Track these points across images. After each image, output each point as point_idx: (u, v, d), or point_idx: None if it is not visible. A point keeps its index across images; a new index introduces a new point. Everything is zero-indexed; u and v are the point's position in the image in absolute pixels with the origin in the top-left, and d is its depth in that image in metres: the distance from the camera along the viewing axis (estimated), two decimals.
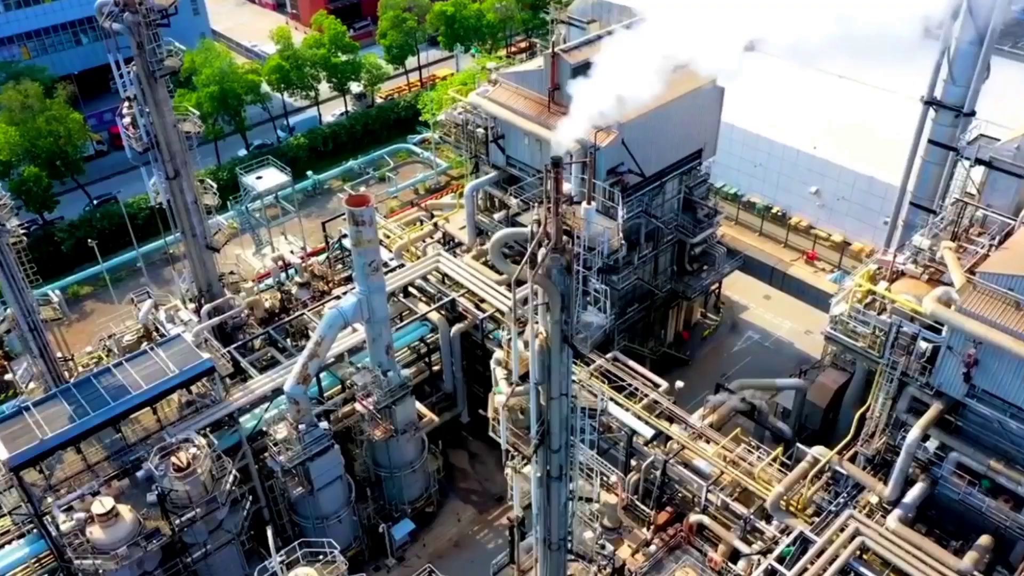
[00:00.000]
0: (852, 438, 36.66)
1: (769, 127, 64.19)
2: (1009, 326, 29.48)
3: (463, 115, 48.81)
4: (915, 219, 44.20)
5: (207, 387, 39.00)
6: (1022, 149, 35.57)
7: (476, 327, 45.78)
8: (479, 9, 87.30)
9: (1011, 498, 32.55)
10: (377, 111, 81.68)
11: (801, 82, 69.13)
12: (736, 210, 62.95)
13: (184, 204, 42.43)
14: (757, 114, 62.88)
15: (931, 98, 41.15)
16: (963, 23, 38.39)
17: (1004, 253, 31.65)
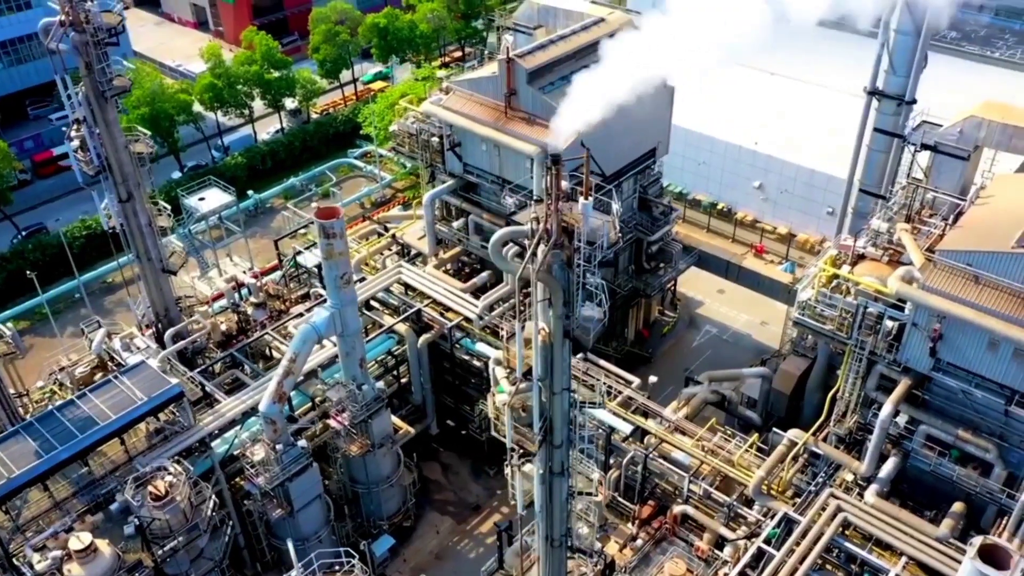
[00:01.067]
0: (825, 419, 38.32)
1: (710, 125, 66.34)
2: (970, 299, 31.43)
3: (416, 125, 49.25)
4: (864, 206, 46.43)
5: (175, 414, 38.51)
6: (965, 133, 37.90)
7: (443, 336, 46.24)
8: (411, 20, 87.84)
9: (979, 465, 34.54)
10: (315, 126, 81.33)
11: (736, 80, 71.86)
12: (683, 208, 64.79)
13: (138, 227, 41.80)
14: (697, 113, 64.89)
15: (874, 88, 43.37)
16: (901, 16, 40.69)
17: (959, 231, 33.70)
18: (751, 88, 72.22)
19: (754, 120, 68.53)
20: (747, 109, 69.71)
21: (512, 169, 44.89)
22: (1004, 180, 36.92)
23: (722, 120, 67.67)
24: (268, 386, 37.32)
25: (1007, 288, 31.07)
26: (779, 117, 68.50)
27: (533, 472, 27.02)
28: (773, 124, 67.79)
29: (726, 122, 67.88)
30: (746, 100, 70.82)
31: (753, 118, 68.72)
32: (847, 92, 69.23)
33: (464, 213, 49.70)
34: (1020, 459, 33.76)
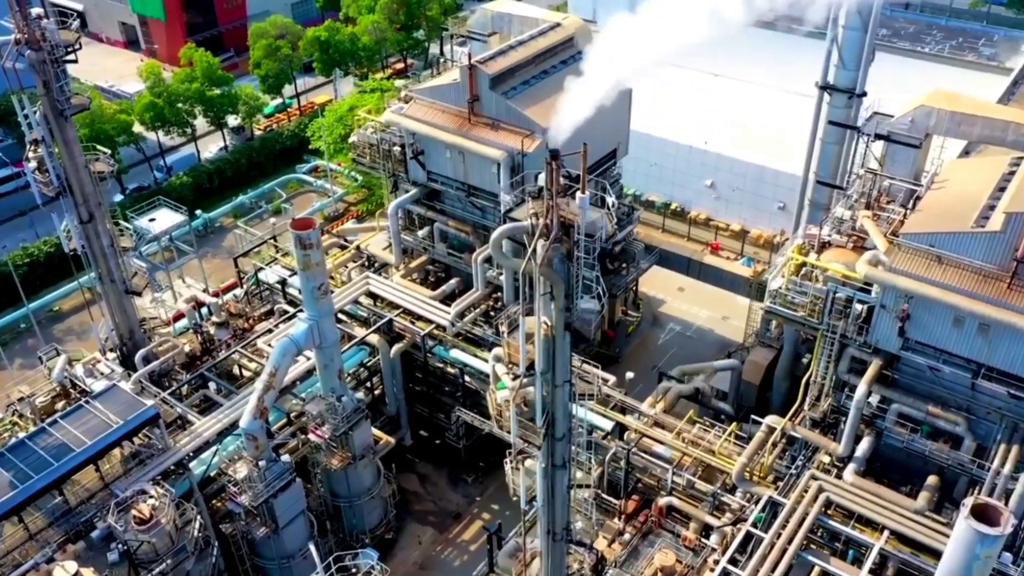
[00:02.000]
0: (799, 404, 39.85)
1: (660, 127, 68.13)
2: (935, 278, 33.24)
3: (377, 135, 49.63)
4: (820, 197, 48.44)
5: (149, 437, 38.12)
6: (916, 122, 39.98)
7: (415, 346, 46.66)
8: (353, 33, 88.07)
9: (949, 439, 36.39)
10: (261, 143, 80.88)
11: (681, 83, 74.09)
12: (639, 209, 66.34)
13: (100, 248, 41.32)
14: (647, 116, 66.67)
15: (825, 83, 45.40)
16: (848, 11, 42.77)
17: (919, 215, 35.58)
18: (696, 90, 74.51)
19: (702, 121, 70.70)
20: (694, 110, 71.88)
21: (478, 175, 45.62)
22: (955, 165, 39.10)
23: (671, 122, 69.60)
24: (247, 402, 37.23)
25: (968, 266, 32.94)
26: (726, 117, 70.80)
27: (531, 468, 27.68)
28: (721, 124, 70.01)
29: (675, 124, 69.85)
30: (692, 102, 73.02)
31: (701, 119, 70.89)
32: (789, 91, 72.36)
33: (429, 221, 50.24)
34: (987, 430, 35.69)
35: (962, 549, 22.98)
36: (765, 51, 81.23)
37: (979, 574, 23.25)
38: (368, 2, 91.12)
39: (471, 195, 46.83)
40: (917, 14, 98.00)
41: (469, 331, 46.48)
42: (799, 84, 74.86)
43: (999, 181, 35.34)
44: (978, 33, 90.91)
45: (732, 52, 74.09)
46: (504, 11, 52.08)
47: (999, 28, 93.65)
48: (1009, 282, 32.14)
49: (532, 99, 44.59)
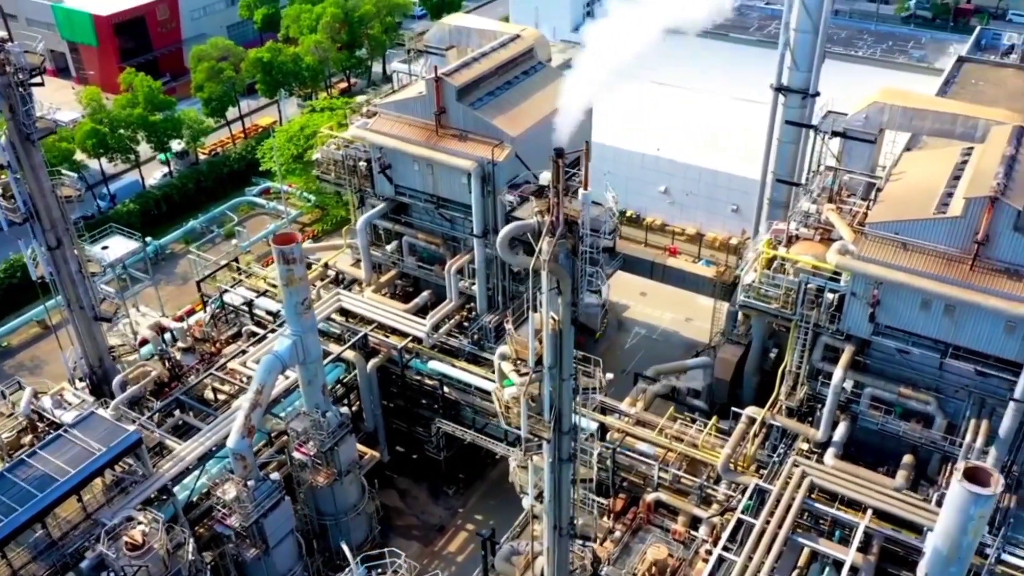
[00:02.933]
0: (776, 394, 41.60)
1: (612, 136, 70.07)
2: (902, 264, 35.34)
3: (341, 151, 50.21)
4: (778, 195, 50.69)
5: (130, 464, 37.90)
6: (870, 118, 42.45)
7: (392, 360, 47.18)
8: (295, 53, 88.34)
9: (921, 418, 38.50)
10: (208, 166, 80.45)
11: (629, 92, 76.35)
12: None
13: (69, 275, 41.00)
14: (599, 125, 68.59)
15: (780, 85, 47.70)
16: (799, 16, 45.17)
17: (882, 205, 37.73)
18: (644, 99, 76.85)
19: (653, 129, 73.05)
20: (644, 119, 74.18)
21: (447, 186, 46.56)
22: (910, 157, 41.55)
23: (622, 130, 71.63)
24: (229, 424, 37.33)
25: (932, 250, 35.10)
26: (676, 125, 73.26)
27: (528, 465, 28.60)
28: (671, 131, 72.40)
29: (627, 132, 71.94)
30: (642, 111, 75.32)
31: (651, 127, 73.24)
32: (736, 97, 75.32)
33: (397, 236, 50.92)
34: (956, 408, 37.88)
35: (958, 511, 24.64)
36: (708, 60, 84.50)
37: (974, 533, 24.97)
38: (309, 22, 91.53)
39: (440, 207, 47.72)
40: (847, 20, 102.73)
41: (445, 342, 47.25)
42: (745, 90, 78.28)
43: (953, 170, 37.71)
44: (907, 36, 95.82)
45: (677, 61, 76.86)
46: (462, 25, 53.28)
47: (925, 31, 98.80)
48: (971, 264, 34.35)
49: (499, 109, 45.81)
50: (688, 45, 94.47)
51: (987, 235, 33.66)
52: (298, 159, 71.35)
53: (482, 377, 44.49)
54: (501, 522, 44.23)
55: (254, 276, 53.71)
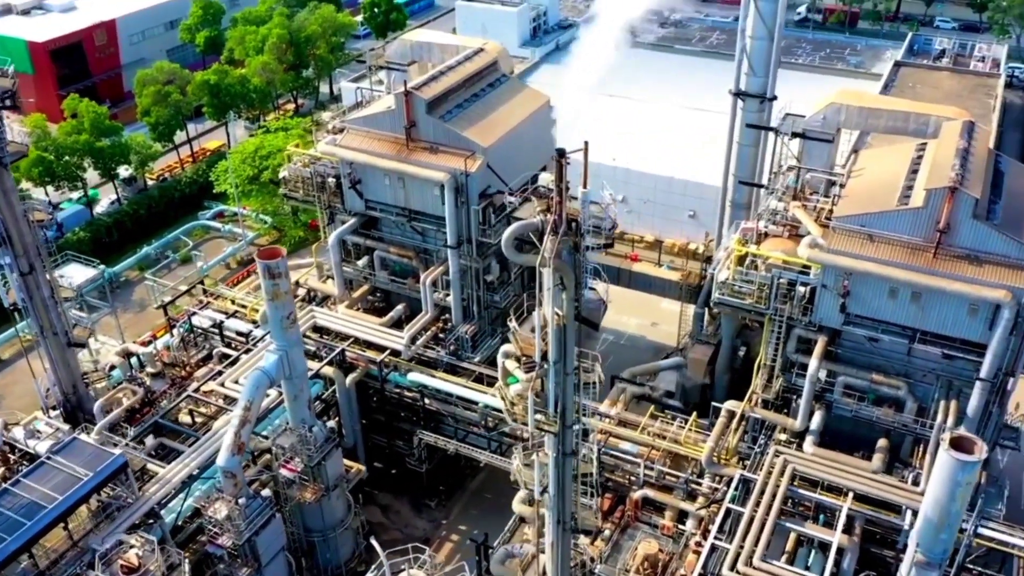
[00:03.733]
0: (752, 388, 43.32)
1: (569, 147, 71.68)
2: (870, 255, 37.42)
3: (308, 168, 50.75)
4: (740, 197, 52.80)
5: (116, 488, 37.79)
6: (827, 118, 44.74)
7: (370, 375, 47.77)
8: (243, 75, 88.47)
9: (892, 403, 40.56)
10: (159, 191, 79.92)
11: (579, 104, 78.27)
12: None
13: (42, 300, 40.77)
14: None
15: (738, 90, 49.86)
16: (755, 23, 47.42)
17: (847, 200, 39.81)
18: (597, 111, 78.93)
19: (607, 139, 74.98)
20: (598, 131, 76.07)
21: (419, 199, 47.49)
22: (867, 155, 43.82)
23: (576, 142, 73.31)
24: (223, 439, 37.55)
25: (897, 240, 37.23)
26: (629, 135, 75.40)
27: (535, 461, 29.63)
28: (625, 141, 74.46)
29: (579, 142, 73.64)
30: (595, 123, 77.27)
31: (605, 138, 75.17)
32: (686, 106, 77.99)
33: (367, 251, 51.59)
34: (925, 392, 40.02)
35: (946, 478, 26.39)
36: (656, 72, 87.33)
37: (962, 499, 26.74)
38: (255, 43, 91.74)
39: (412, 219, 48.61)
40: (786, 29, 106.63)
41: (422, 354, 48.03)
42: (693, 99, 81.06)
43: (910, 165, 40.02)
44: (843, 44, 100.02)
45: (625, 74, 79.24)
46: (424, 40, 54.43)
47: (860, 38, 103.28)
48: (935, 252, 36.52)
49: (468, 121, 47.00)
50: (635, 58, 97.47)
51: (948, 223, 35.86)
52: (254, 180, 71.59)
53: (465, 386, 45.40)
54: (485, 530, 45.03)
55: (221, 298, 53.76)
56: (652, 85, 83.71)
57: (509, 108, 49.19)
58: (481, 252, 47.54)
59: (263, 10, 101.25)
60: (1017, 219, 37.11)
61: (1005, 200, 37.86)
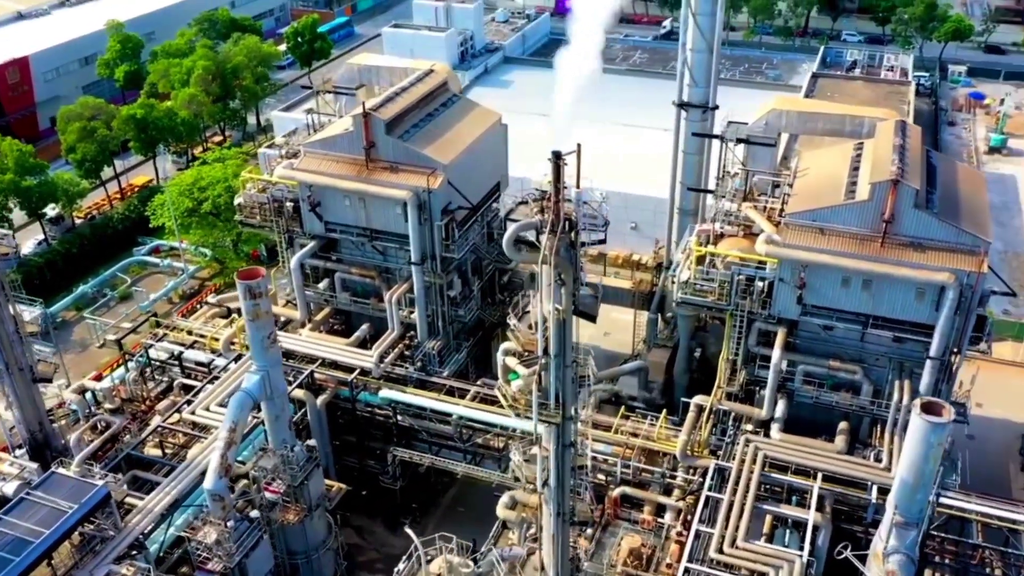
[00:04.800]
0: (717, 383, 45.92)
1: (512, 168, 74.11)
2: (823, 247, 40.53)
3: (265, 194, 51.57)
4: (687, 204, 55.79)
5: (97, 520, 37.86)
6: (769, 124, 48.13)
7: (339, 396, 48.67)
8: (169, 108, 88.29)
9: (849, 388, 43.65)
10: (91, 229, 78.98)
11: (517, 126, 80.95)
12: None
13: (6, 335, 40.63)
14: None
15: (681, 101, 52.96)
16: (694, 37, 50.63)
17: (796, 198, 42.97)
18: (533, 132, 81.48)
19: (545, 158, 77.59)
20: (537, 151, 78.55)
21: (381, 218, 48.91)
22: (809, 155, 47.26)
23: (517, 162, 75.79)
24: (210, 462, 38.06)
25: (846, 232, 40.45)
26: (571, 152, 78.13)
27: (537, 454, 31.34)
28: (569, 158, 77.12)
29: (520, 162, 76.11)
30: (532, 143, 79.75)
31: (544, 157, 77.78)
32: (619, 123, 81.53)
33: (328, 273, 52.64)
34: (879, 375, 43.23)
35: (919, 441, 29.23)
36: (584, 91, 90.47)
37: (934, 460, 29.59)
38: (180, 76, 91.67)
39: (374, 239, 49.95)
40: None
41: (391, 372, 49.19)
42: (623, 116, 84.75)
43: (851, 163, 43.48)
44: (760, 58, 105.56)
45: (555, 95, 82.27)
46: (371, 64, 56.08)
47: (776, 53, 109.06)
48: (882, 241, 39.86)
49: (427, 139, 48.75)
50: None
51: (892, 214, 39.22)
52: (193, 212, 71.60)
53: (442, 400, 46.89)
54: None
55: (177, 329, 53.91)
56: (580, 104, 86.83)
57: (464, 126, 51.16)
58: (444, 268, 49.17)
59: (182, 43, 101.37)
60: (953, 207, 40.86)
61: (940, 191, 41.60)
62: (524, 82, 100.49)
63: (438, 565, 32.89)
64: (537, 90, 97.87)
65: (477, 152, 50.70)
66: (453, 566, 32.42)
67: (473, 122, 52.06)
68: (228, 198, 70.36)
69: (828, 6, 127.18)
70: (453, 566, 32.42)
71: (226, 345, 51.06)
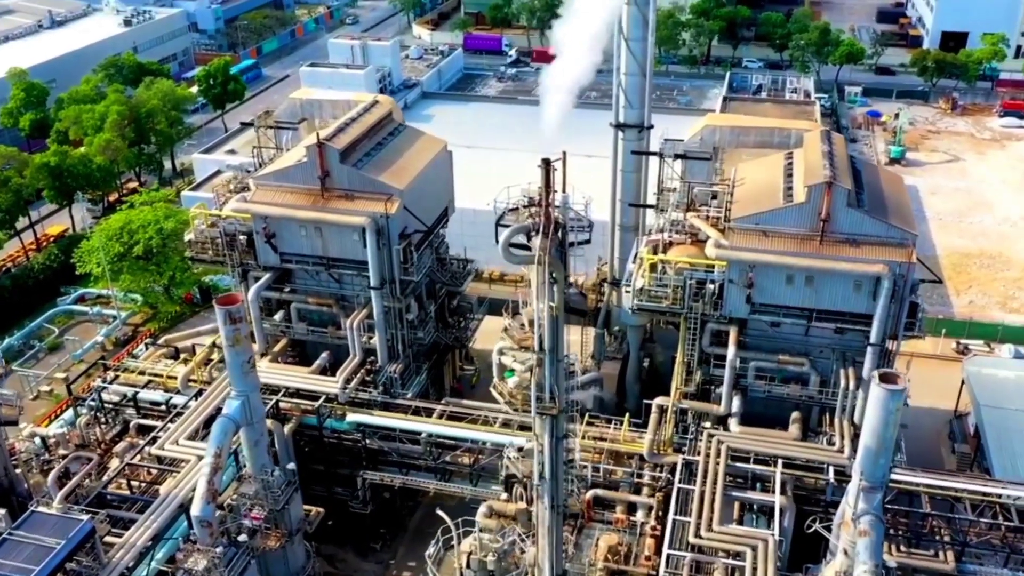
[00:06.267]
0: (675, 384, 49.35)
1: None
2: (767, 247, 44.64)
3: (216, 229, 52.91)
4: (627, 220, 59.62)
5: (83, 556, 38.40)
6: (704, 139, 52.49)
7: (304, 424, 50.11)
8: (84, 155, 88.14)
9: (798, 380, 47.68)
10: (11, 280, 77.94)
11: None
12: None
13: None
14: None
15: (618, 122, 56.93)
16: (627, 61, 54.77)
17: (738, 204, 46.98)
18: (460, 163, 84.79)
19: (475, 187, 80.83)
20: (467, 180, 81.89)
21: (338, 245, 50.90)
22: (745, 166, 51.66)
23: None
24: (197, 489, 39.15)
25: (787, 233, 44.68)
26: (496, 181, 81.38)
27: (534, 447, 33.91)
28: (494, 188, 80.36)
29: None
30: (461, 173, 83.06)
31: (474, 186, 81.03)
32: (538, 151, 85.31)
33: (282, 304, 54.20)
34: (825, 366, 47.35)
35: (880, 408, 33.01)
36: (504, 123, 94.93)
37: (893, 426, 33.37)
38: (93, 122, 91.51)
39: (331, 267, 51.90)
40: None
41: (355, 397, 50.94)
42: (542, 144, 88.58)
43: (784, 171, 47.96)
44: (670, 86, 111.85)
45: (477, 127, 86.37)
46: (312, 98, 58.36)
47: (684, 80, 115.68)
48: (820, 239, 44.20)
49: (380, 167, 51.24)
50: (482, 112, 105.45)
51: (828, 213, 43.62)
52: (124, 257, 71.85)
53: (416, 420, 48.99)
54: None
55: (131, 371, 54.42)
56: (504, 135, 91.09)
57: (413, 153, 53.89)
58: (403, 291, 51.46)
59: (88, 89, 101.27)
60: (880, 205, 45.63)
61: (867, 191, 46.34)
62: (443, 116, 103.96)
63: (468, 543, 35.31)
64: (457, 124, 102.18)
65: (428, 177, 53.47)
66: (484, 543, 34.84)
67: (421, 149, 54.84)
68: (160, 240, 71.24)
69: (728, 35, 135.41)
70: (484, 543, 34.84)
71: (184, 382, 51.97)
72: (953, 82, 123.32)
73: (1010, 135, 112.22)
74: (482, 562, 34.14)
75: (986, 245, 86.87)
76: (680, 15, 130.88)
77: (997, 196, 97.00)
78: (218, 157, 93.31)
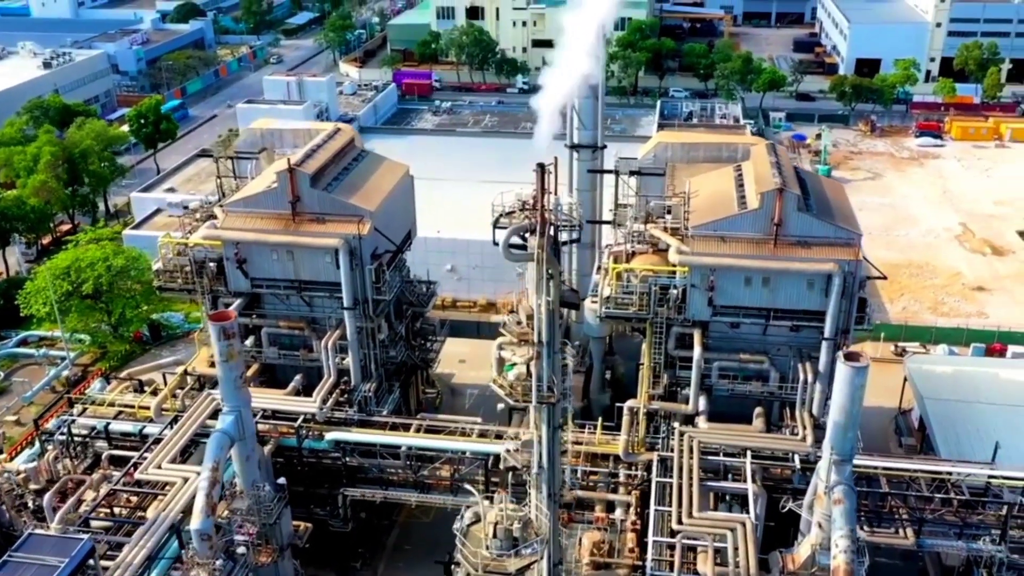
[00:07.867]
0: (643, 388, 52.92)
1: None
2: (726, 251, 48.82)
3: (184, 257, 54.75)
4: (584, 237, 63.33)
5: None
6: (657, 156, 56.80)
7: (282, 446, 52.02)
8: (18, 196, 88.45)
9: (759, 377, 51.76)
10: None
11: None
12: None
13: None
14: None
15: (572, 143, 60.95)
16: (581, 86, 58.93)
17: (696, 214, 51.14)
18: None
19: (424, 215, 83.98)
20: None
21: (310, 268, 53.31)
22: (697, 180, 56.04)
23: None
24: (196, 503, 40.88)
25: (744, 238, 48.95)
26: (442, 209, 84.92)
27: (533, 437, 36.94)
28: (442, 216, 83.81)
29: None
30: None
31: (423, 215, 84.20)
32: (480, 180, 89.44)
33: (253, 329, 56.17)
34: (783, 363, 51.54)
35: (846, 385, 37.06)
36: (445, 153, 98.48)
37: (859, 401, 37.41)
38: (25, 163, 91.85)
39: (302, 291, 54.22)
40: None
41: (331, 416, 53.12)
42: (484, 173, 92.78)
43: (736, 181, 52.46)
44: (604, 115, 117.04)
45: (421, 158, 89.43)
46: (272, 128, 60.95)
47: (615, 110, 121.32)
48: (774, 242, 48.60)
49: (349, 190, 54.02)
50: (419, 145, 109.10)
51: (781, 218, 48.10)
52: (72, 296, 72.58)
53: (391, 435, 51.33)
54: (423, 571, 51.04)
55: (99, 404, 55.54)
56: (440, 166, 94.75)
57: (378, 177, 56.86)
58: (376, 310, 54.07)
59: (13, 131, 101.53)
60: (826, 209, 50.36)
61: (813, 197, 51.05)
62: (382, 150, 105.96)
63: (495, 514, 38.01)
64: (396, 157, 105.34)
65: (394, 199, 56.47)
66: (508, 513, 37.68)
67: (386, 173, 57.85)
68: (109, 278, 72.29)
69: (654, 67, 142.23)
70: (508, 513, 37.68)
71: (157, 411, 53.38)
72: (870, 106, 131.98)
73: (927, 153, 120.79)
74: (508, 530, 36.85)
75: (914, 256, 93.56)
76: (607, 47, 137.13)
77: (919, 211, 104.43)
78: (157, 195, 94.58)
